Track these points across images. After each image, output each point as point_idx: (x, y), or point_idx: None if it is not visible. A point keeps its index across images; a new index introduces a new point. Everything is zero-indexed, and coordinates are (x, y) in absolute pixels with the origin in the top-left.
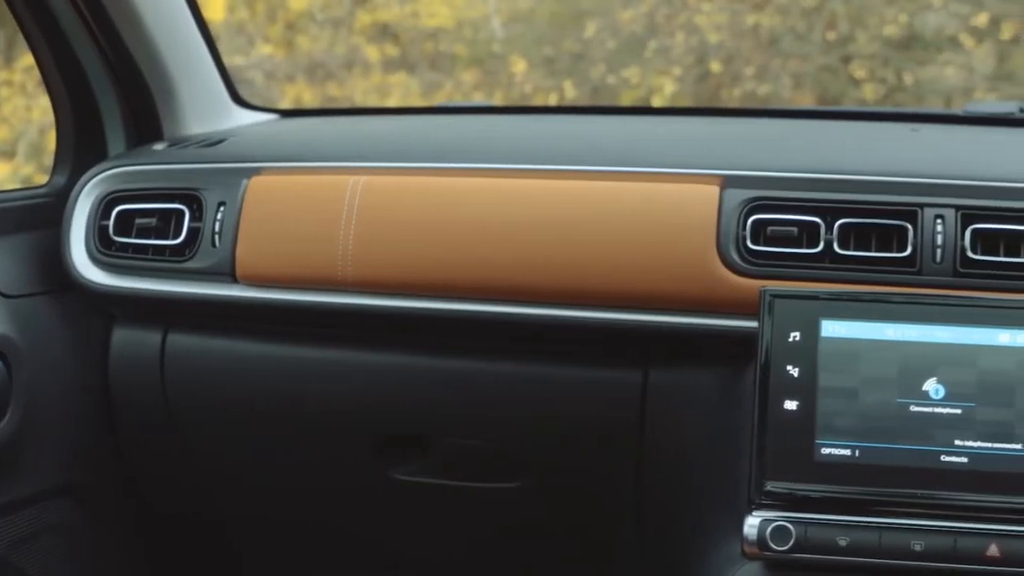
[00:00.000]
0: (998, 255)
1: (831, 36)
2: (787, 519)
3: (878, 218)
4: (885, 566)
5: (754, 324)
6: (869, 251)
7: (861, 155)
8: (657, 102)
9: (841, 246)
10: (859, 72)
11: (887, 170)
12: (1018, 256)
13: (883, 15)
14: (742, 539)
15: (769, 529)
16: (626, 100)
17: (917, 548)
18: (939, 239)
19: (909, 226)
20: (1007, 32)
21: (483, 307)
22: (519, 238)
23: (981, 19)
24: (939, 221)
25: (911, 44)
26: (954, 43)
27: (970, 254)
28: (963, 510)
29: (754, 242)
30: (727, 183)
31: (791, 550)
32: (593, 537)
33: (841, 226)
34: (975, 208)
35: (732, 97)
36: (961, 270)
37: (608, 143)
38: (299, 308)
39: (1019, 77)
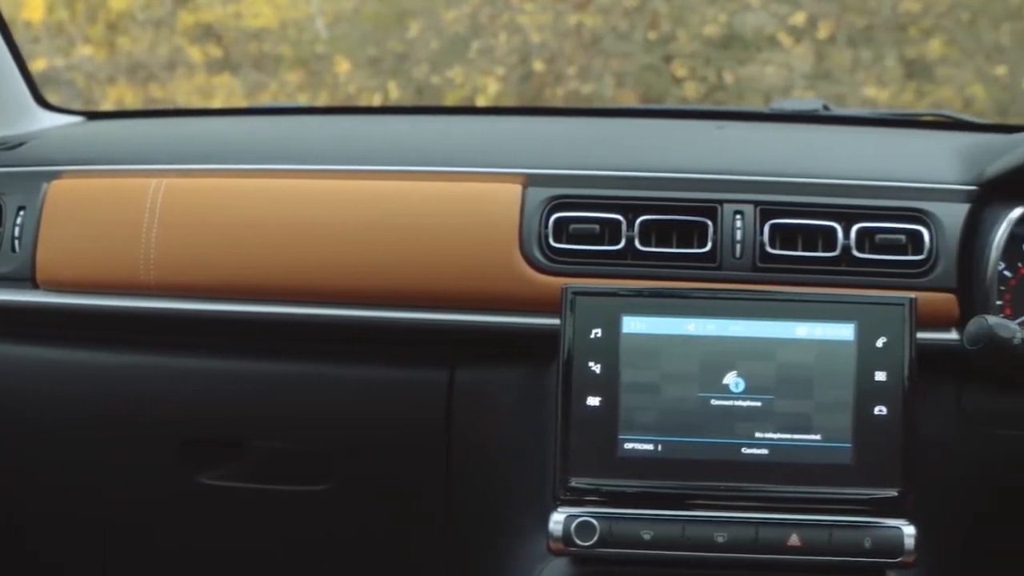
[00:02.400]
0: (796, 249)
1: (653, 35)
2: (592, 514)
3: (678, 215)
4: (689, 558)
5: (557, 321)
6: (670, 247)
7: (664, 153)
8: (481, 102)
9: (642, 243)
10: (680, 71)
11: (688, 167)
12: (815, 251)
13: (704, 15)
14: (548, 535)
15: (574, 525)
16: (450, 100)
17: (720, 540)
18: (738, 235)
19: (709, 222)
20: (824, 31)
21: (288, 309)
22: (323, 239)
23: (799, 18)
24: (738, 217)
25: (731, 43)
26: (773, 42)
27: (769, 249)
28: (764, 501)
29: (556, 240)
30: (529, 182)
31: (596, 545)
32: (404, 536)
33: (642, 223)
34: (773, 204)
35: (556, 96)
36: (760, 265)
37: (416, 143)
38: (101, 313)
39: (836, 76)
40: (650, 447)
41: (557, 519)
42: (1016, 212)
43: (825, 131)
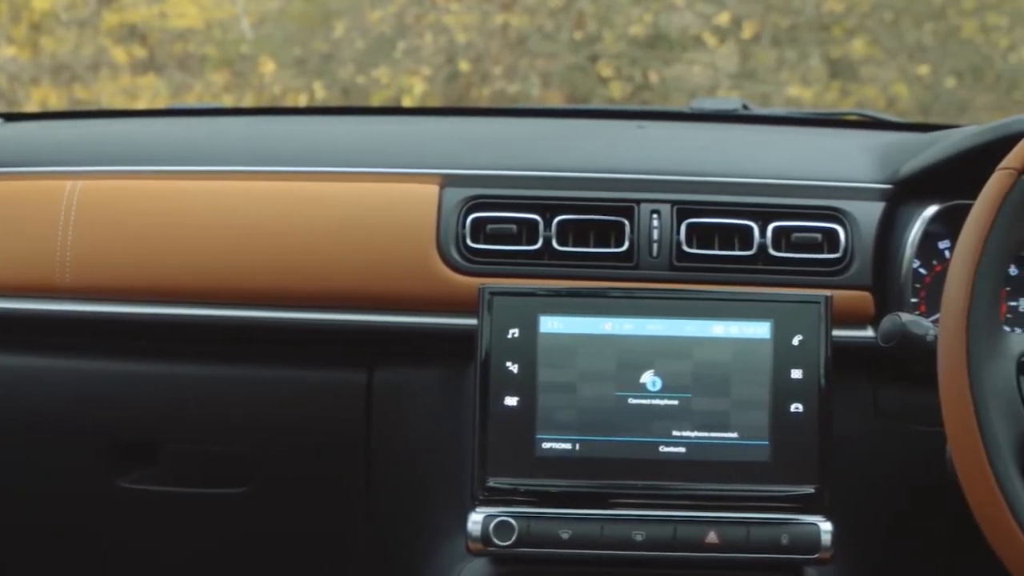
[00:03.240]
0: (713, 248)
1: (579, 35)
2: (510, 514)
3: (595, 214)
4: (607, 557)
5: (475, 322)
6: (587, 247)
7: (582, 153)
8: (407, 102)
9: (560, 243)
10: (606, 71)
11: (605, 167)
12: (732, 249)
13: (629, 15)
14: (466, 535)
15: (492, 525)
16: (376, 100)
17: (638, 538)
18: (655, 234)
19: (626, 222)
20: (748, 31)
21: (207, 311)
22: (241, 241)
23: (723, 19)
24: (655, 216)
25: (657, 43)
26: (698, 42)
27: (685, 248)
28: (682, 499)
29: (474, 240)
30: (446, 182)
31: (514, 544)
32: (325, 539)
33: (559, 223)
34: (690, 203)
35: (482, 96)
36: (677, 264)
37: (334, 144)
38: (16, 316)
39: (761, 75)
40: (568, 446)
41: (475, 519)
42: (930, 210)
43: (744, 130)
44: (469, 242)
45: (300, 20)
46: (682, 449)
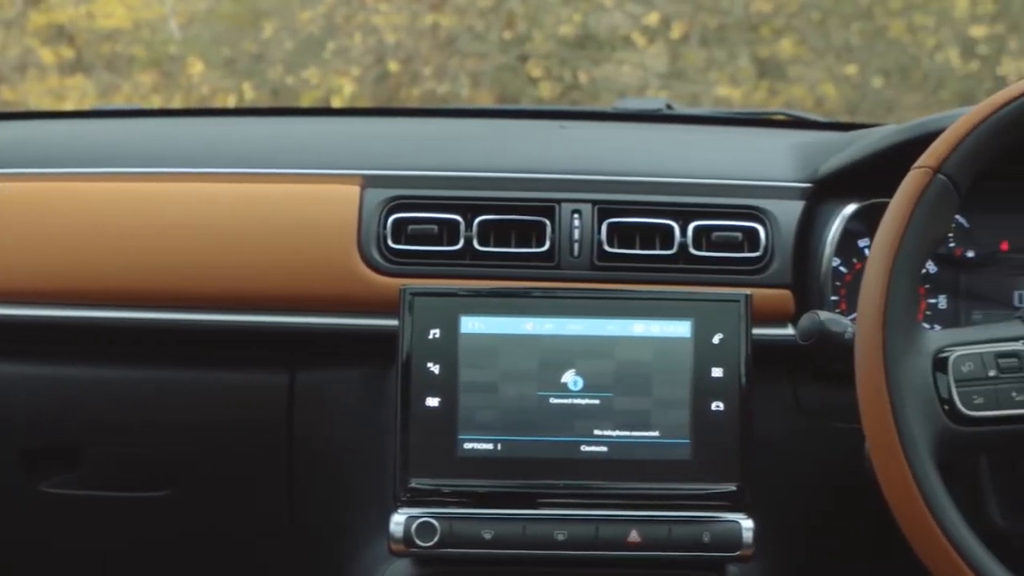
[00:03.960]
0: (634, 248)
1: (508, 35)
2: (432, 515)
3: (516, 214)
4: (530, 556)
5: (396, 322)
6: (509, 247)
7: (504, 153)
8: (337, 103)
9: (481, 243)
10: (536, 71)
11: (527, 167)
12: (653, 248)
13: (558, 15)
14: (388, 536)
15: (414, 526)
16: (306, 101)
17: (560, 538)
18: (576, 234)
19: (547, 221)
20: (677, 31)
21: (129, 314)
22: (162, 243)
23: (652, 19)
24: (576, 216)
25: (586, 43)
26: (628, 42)
27: (606, 248)
28: (604, 498)
29: (395, 241)
30: (368, 183)
31: (437, 545)
32: (248, 541)
33: (480, 223)
34: (611, 203)
35: (411, 96)
36: (598, 263)
37: (256, 145)
38: None
39: (690, 75)
40: (490, 446)
41: (397, 520)
42: (849, 208)
43: (667, 130)
44: (390, 243)
45: (229, 20)
46: (603, 448)
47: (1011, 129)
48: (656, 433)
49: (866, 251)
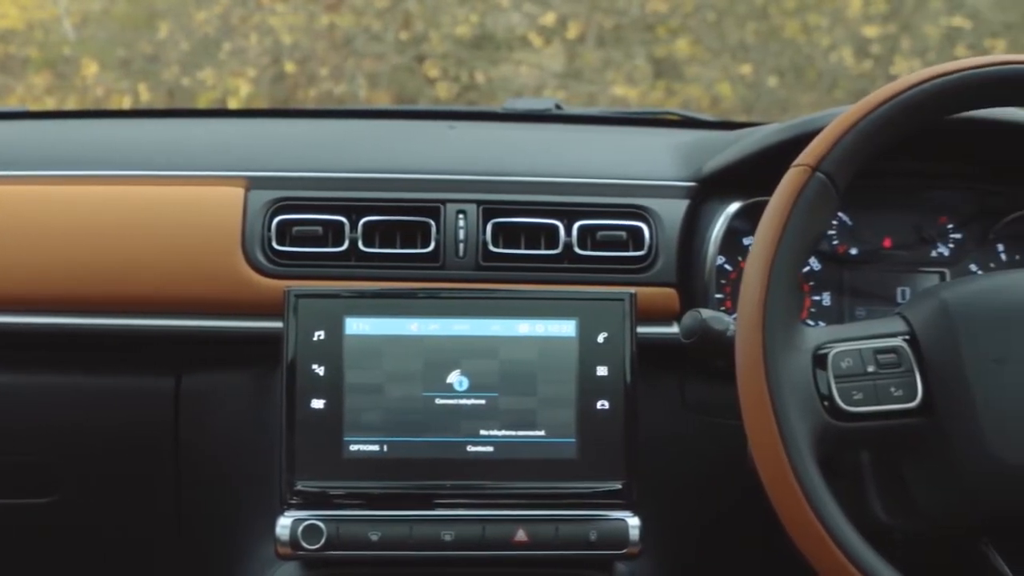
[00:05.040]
0: (519, 248)
1: (405, 36)
2: (319, 517)
3: (401, 215)
4: (417, 557)
5: (281, 324)
6: (394, 248)
7: (389, 154)
8: (233, 104)
9: (366, 244)
10: (433, 71)
11: (412, 168)
12: (538, 248)
13: (455, 15)
14: (275, 540)
15: (301, 528)
16: (202, 102)
17: (447, 538)
18: (461, 234)
19: (432, 222)
20: (573, 31)
21: (8, 319)
22: (44, 246)
23: (549, 19)
24: (461, 216)
25: (483, 43)
26: (524, 42)
27: (491, 248)
28: (491, 498)
29: (280, 243)
30: (252, 185)
31: (323, 548)
32: (135, 545)
33: (365, 224)
34: (496, 203)
35: (308, 97)
36: (483, 264)
37: (142, 147)
38: None
39: (587, 75)
40: (376, 448)
41: (284, 523)
42: (733, 207)
43: (555, 130)
44: (275, 245)
45: (124, 21)
46: (490, 448)
47: (887, 128)
48: (542, 432)
49: (750, 249)
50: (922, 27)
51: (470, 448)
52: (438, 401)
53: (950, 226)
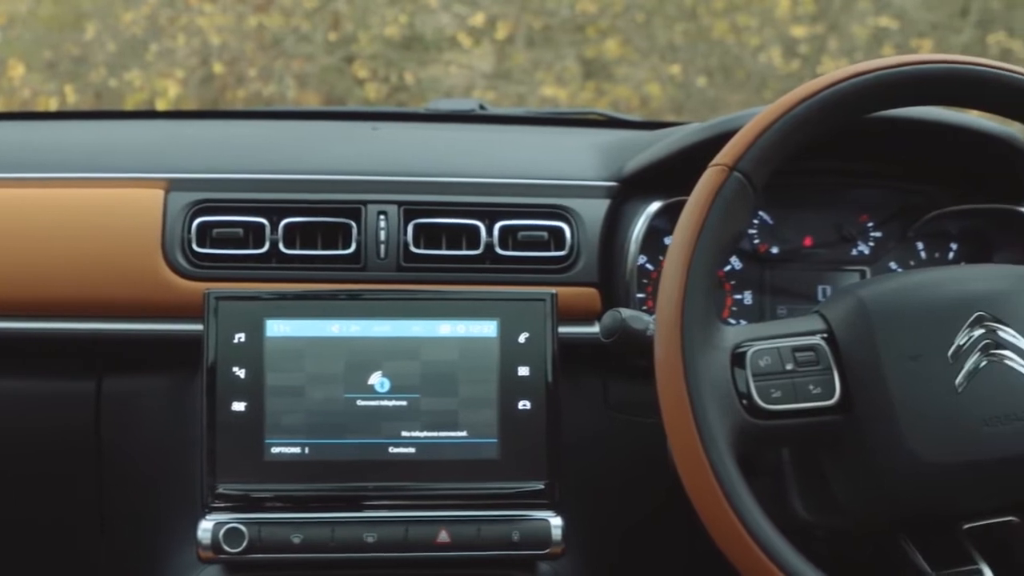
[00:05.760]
0: (440, 248)
1: (334, 36)
2: (240, 520)
3: (322, 216)
4: (339, 560)
5: (202, 327)
6: (315, 250)
7: (311, 155)
8: (162, 105)
9: (287, 246)
10: (362, 72)
11: (334, 169)
12: (460, 249)
13: (384, 16)
14: (196, 543)
15: (222, 532)
16: (130, 103)
17: (370, 540)
18: (382, 235)
19: (353, 223)
20: (502, 32)
21: None
22: None
23: (478, 19)
24: (382, 217)
25: (412, 44)
26: (454, 43)
27: (413, 249)
28: (413, 499)
29: (200, 245)
30: (172, 186)
31: (245, 551)
32: (58, 549)
33: (286, 226)
34: (417, 204)
35: (237, 98)
36: (404, 265)
37: (60, 149)
38: None
39: (516, 75)
40: (297, 450)
41: (205, 527)
42: (654, 206)
43: (478, 130)
44: (195, 247)
45: (50, 22)
46: (411, 449)
47: (804, 127)
48: (464, 433)
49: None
50: (849, 27)
51: (392, 449)
52: (360, 403)
53: (870, 224)
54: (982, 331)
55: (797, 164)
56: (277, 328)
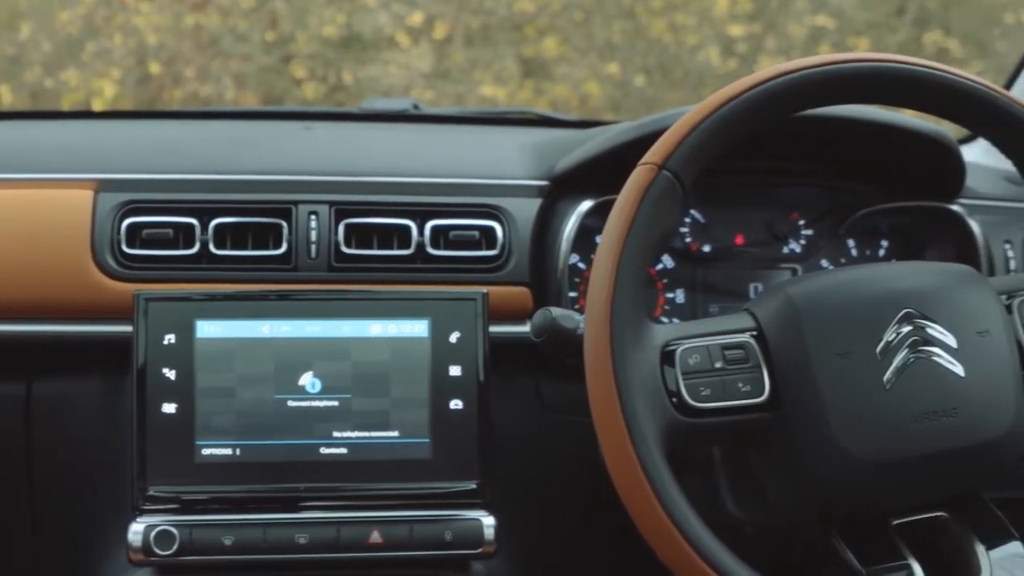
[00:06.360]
0: (372, 248)
1: (271, 36)
2: (171, 523)
3: (253, 217)
4: (271, 561)
5: (131, 328)
6: (246, 250)
7: (243, 155)
8: (98, 105)
9: (217, 246)
10: (300, 72)
11: (265, 169)
12: (391, 248)
13: (322, 15)
14: (127, 546)
15: (153, 534)
16: (66, 104)
17: (302, 541)
18: (313, 235)
19: (284, 223)
20: (440, 31)
21: None
22: None
23: (416, 19)
24: (313, 218)
25: (351, 44)
26: (392, 43)
27: (344, 249)
28: (345, 500)
29: (130, 246)
30: (101, 187)
31: (176, 553)
32: None
33: (216, 226)
34: (348, 203)
35: (174, 99)
36: (336, 265)
37: None
38: None
39: (455, 75)
40: (228, 451)
41: (136, 529)
42: (585, 205)
43: (413, 130)
44: (125, 248)
45: None
46: (343, 450)
47: (733, 126)
48: (395, 433)
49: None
50: (787, 26)
51: (324, 450)
52: (291, 403)
53: (802, 222)
54: (910, 328)
55: (729, 163)
56: (207, 329)
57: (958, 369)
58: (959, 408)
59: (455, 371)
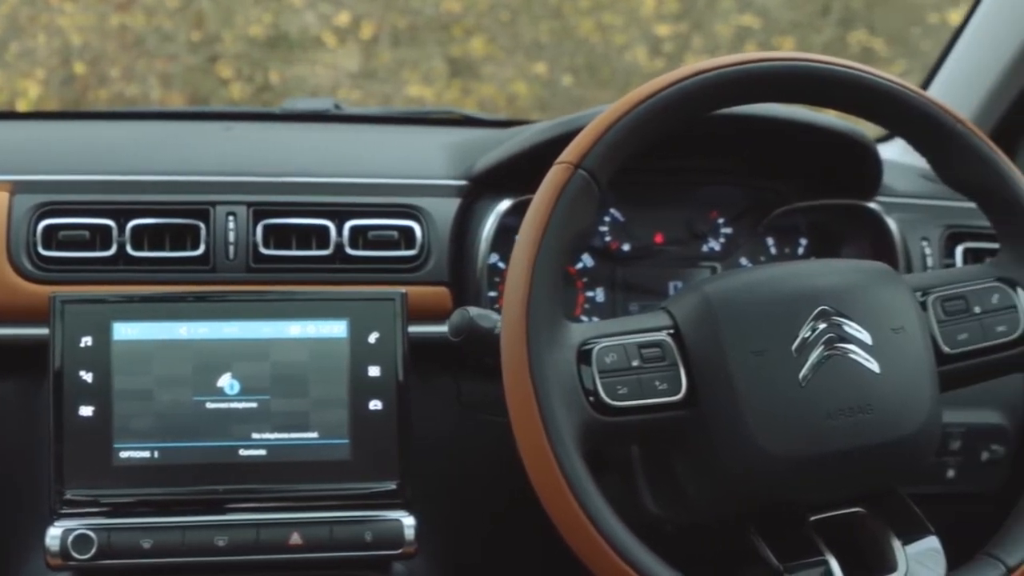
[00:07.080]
0: (291, 249)
1: (197, 36)
2: (89, 526)
3: (170, 218)
4: (191, 564)
5: (47, 331)
6: (164, 252)
7: (160, 155)
8: (23, 106)
9: (134, 248)
10: (226, 72)
11: (183, 170)
12: (309, 249)
13: (248, 15)
14: (45, 551)
15: (71, 538)
16: None
17: (221, 543)
18: (231, 236)
19: (202, 225)
20: (367, 31)
21: None
22: None
23: (343, 19)
24: (231, 218)
25: (278, 43)
26: (319, 43)
27: (262, 250)
28: (264, 501)
29: (46, 247)
30: (16, 188)
31: (95, 557)
32: None
33: (133, 228)
34: (266, 204)
35: (99, 99)
36: (254, 266)
37: None
38: None
39: (382, 75)
40: (146, 454)
41: (53, 533)
42: (504, 204)
43: (334, 130)
44: (40, 250)
45: None
46: (262, 452)
47: (649, 125)
48: (315, 434)
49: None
50: (713, 26)
51: (242, 452)
52: (209, 405)
53: (721, 221)
54: (825, 325)
55: (647, 161)
56: (124, 331)
57: (873, 366)
58: (874, 404)
59: (374, 371)
